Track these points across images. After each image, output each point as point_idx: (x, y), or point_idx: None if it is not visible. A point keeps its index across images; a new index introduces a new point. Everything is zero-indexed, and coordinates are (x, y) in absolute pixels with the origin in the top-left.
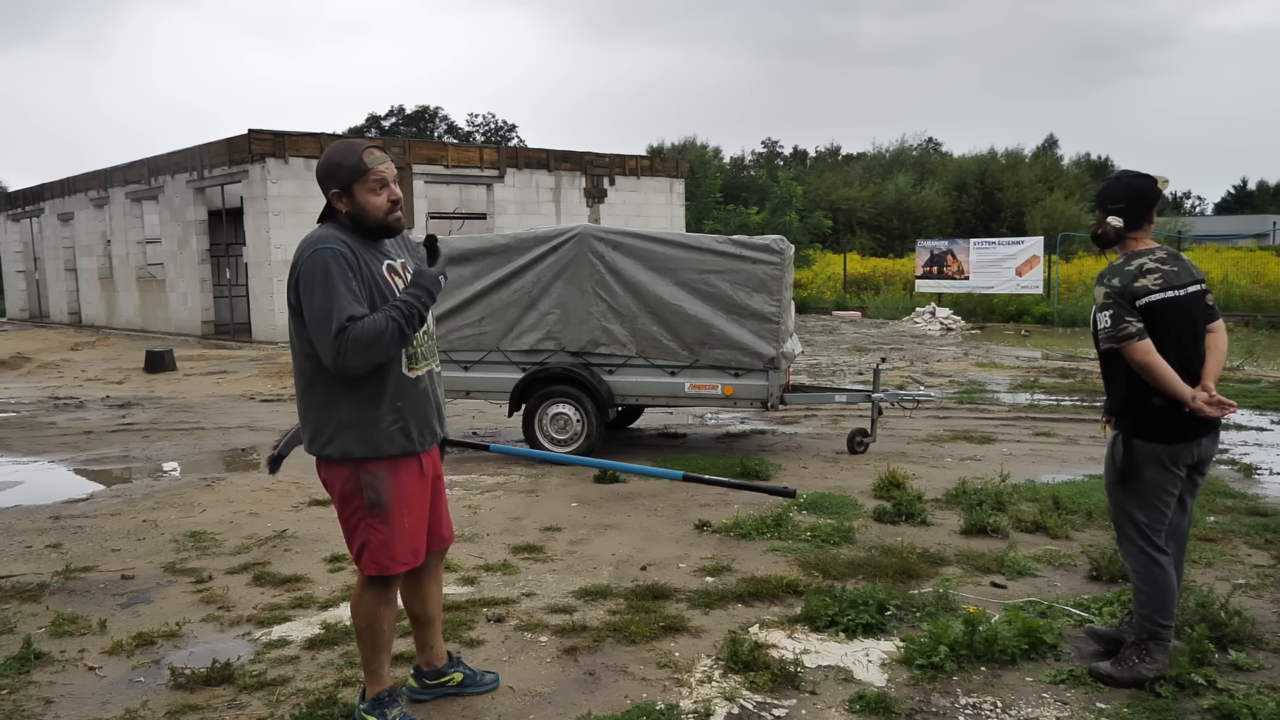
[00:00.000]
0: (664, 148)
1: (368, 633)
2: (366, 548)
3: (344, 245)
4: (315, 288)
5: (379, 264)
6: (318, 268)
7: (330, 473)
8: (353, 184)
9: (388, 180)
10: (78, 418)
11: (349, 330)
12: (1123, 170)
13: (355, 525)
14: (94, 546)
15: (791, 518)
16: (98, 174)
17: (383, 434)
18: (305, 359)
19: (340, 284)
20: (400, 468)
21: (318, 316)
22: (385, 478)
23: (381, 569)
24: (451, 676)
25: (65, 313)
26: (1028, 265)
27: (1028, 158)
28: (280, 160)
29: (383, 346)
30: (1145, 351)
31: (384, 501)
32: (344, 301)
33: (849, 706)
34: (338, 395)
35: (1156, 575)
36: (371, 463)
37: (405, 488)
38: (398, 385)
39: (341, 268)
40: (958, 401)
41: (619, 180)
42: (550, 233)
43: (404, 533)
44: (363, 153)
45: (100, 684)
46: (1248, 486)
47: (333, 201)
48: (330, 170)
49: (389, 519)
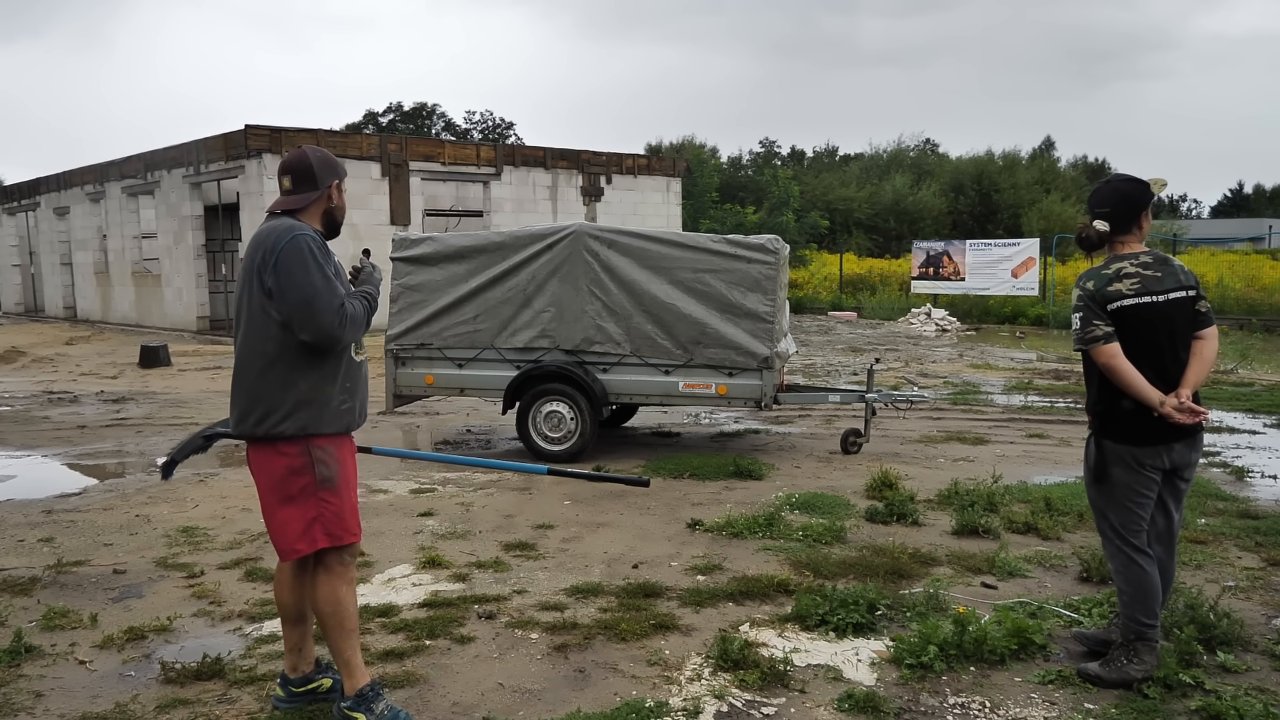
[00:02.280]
0: (661, 147)
1: (335, 618)
2: (319, 521)
3: (317, 235)
4: (306, 268)
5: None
6: (304, 250)
7: (273, 453)
8: (342, 180)
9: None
10: (72, 412)
11: (345, 307)
12: (1115, 174)
13: (304, 501)
14: (86, 541)
15: (784, 517)
16: (94, 168)
17: (334, 411)
18: (268, 340)
19: (326, 266)
20: (343, 445)
21: (312, 293)
22: (333, 452)
23: (335, 539)
24: (320, 683)
25: (60, 307)
26: (1024, 267)
27: (1025, 160)
28: (276, 156)
29: (362, 327)
30: (1111, 355)
31: (334, 475)
32: (333, 281)
33: (838, 705)
34: (297, 373)
35: (1137, 575)
36: (321, 439)
37: (347, 462)
38: (348, 367)
39: (323, 253)
40: (951, 402)
41: (616, 179)
42: (546, 230)
43: (351, 505)
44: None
45: (91, 678)
46: (1239, 489)
47: (333, 190)
48: (334, 164)
49: (338, 491)
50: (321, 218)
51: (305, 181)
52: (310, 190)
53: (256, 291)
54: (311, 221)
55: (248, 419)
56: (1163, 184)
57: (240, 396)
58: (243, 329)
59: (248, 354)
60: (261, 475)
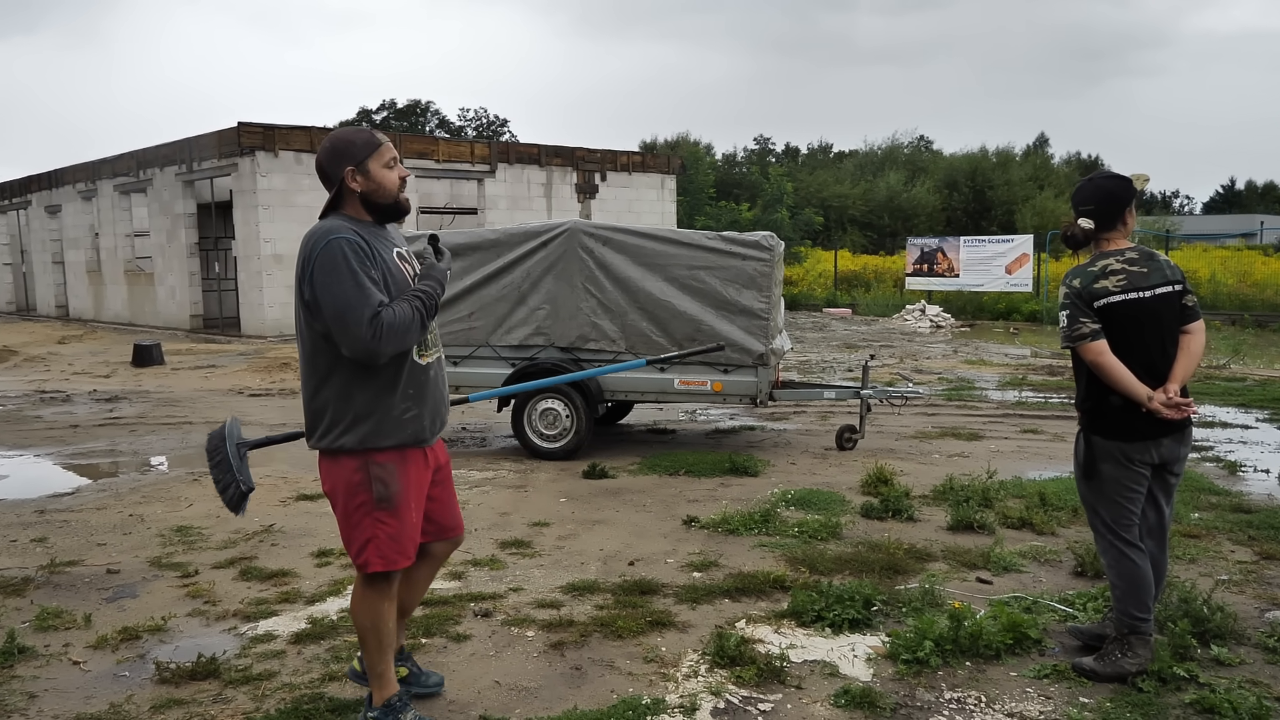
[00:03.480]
0: (656, 144)
1: (373, 634)
2: (373, 542)
3: (355, 234)
4: (337, 276)
5: (389, 251)
6: (336, 257)
7: (337, 466)
8: (367, 159)
9: (397, 157)
10: (64, 411)
11: (381, 316)
12: (1098, 171)
13: (360, 520)
14: (79, 541)
15: (779, 513)
16: (86, 166)
17: (395, 421)
18: (318, 353)
19: (360, 270)
20: (408, 459)
21: (343, 304)
22: (394, 470)
23: (389, 563)
24: (398, 670)
25: (52, 306)
26: (1017, 263)
27: (1018, 156)
28: (270, 154)
29: (411, 335)
30: (1098, 352)
31: (393, 495)
32: (369, 286)
33: (834, 701)
34: (354, 385)
35: (1129, 569)
36: (381, 454)
37: (412, 480)
38: (410, 373)
39: (359, 256)
40: (946, 398)
41: (611, 176)
42: (540, 228)
43: (410, 526)
44: (372, 131)
45: (85, 678)
46: (1232, 484)
47: (347, 180)
48: (344, 148)
49: (398, 512)
50: (361, 207)
51: (324, 179)
52: (329, 185)
53: (299, 303)
54: (355, 213)
55: (313, 434)
56: (1145, 180)
57: (305, 410)
58: (299, 341)
59: (303, 368)
60: (327, 486)
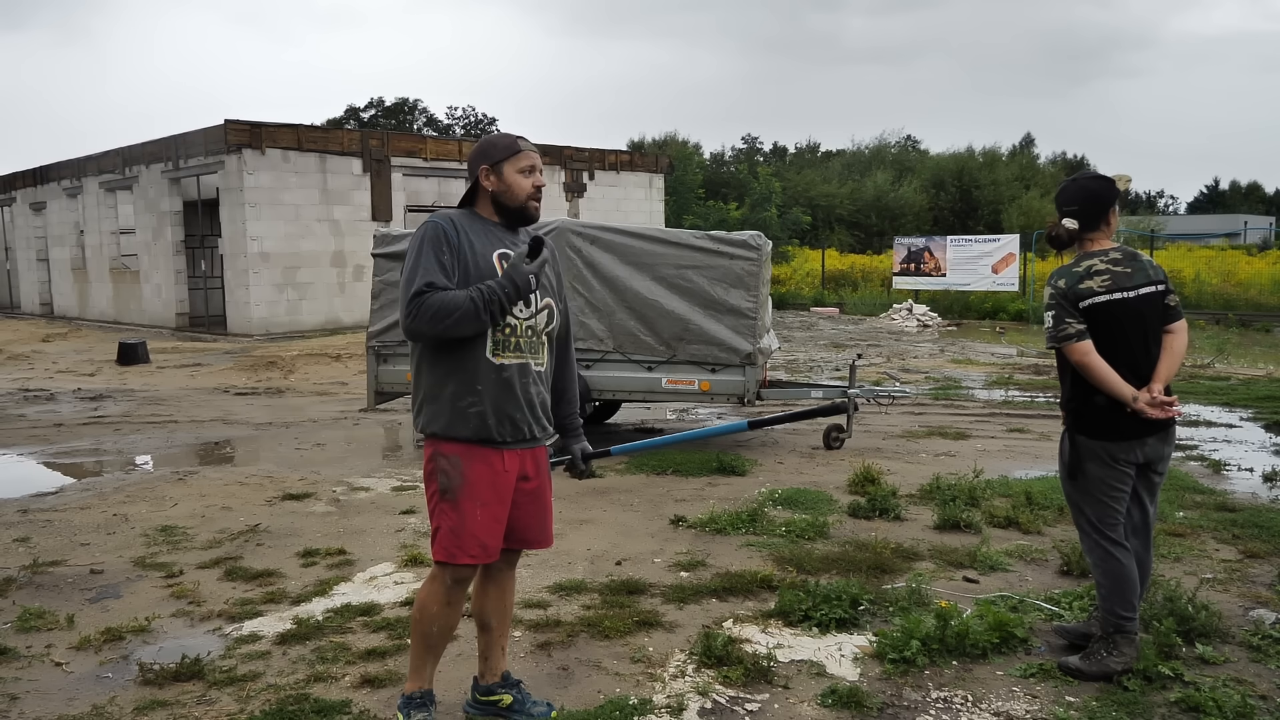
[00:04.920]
0: (645, 143)
1: (420, 625)
2: (439, 532)
3: (451, 223)
4: (411, 254)
5: (491, 249)
6: (419, 237)
7: (425, 450)
8: (503, 161)
9: (536, 166)
10: (48, 410)
11: (425, 296)
12: (1081, 172)
13: (433, 508)
14: (63, 540)
15: (767, 513)
16: (71, 163)
17: (458, 413)
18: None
19: (431, 252)
20: (475, 456)
21: (405, 279)
22: (459, 462)
23: (449, 555)
24: (501, 698)
25: (37, 304)
26: (1004, 263)
27: (1005, 156)
28: (257, 151)
29: (454, 322)
30: (1084, 352)
31: (454, 487)
32: (430, 268)
33: (821, 700)
34: (427, 369)
35: (1114, 568)
36: (448, 444)
37: (478, 477)
38: (479, 368)
39: (438, 240)
40: (933, 398)
41: (599, 175)
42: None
43: (474, 523)
44: (517, 138)
45: (67, 680)
46: (1216, 482)
47: (481, 177)
48: (487, 148)
49: (460, 506)
50: (491, 205)
51: (472, 166)
52: (469, 180)
53: None
54: (485, 212)
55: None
56: (1127, 180)
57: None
58: None
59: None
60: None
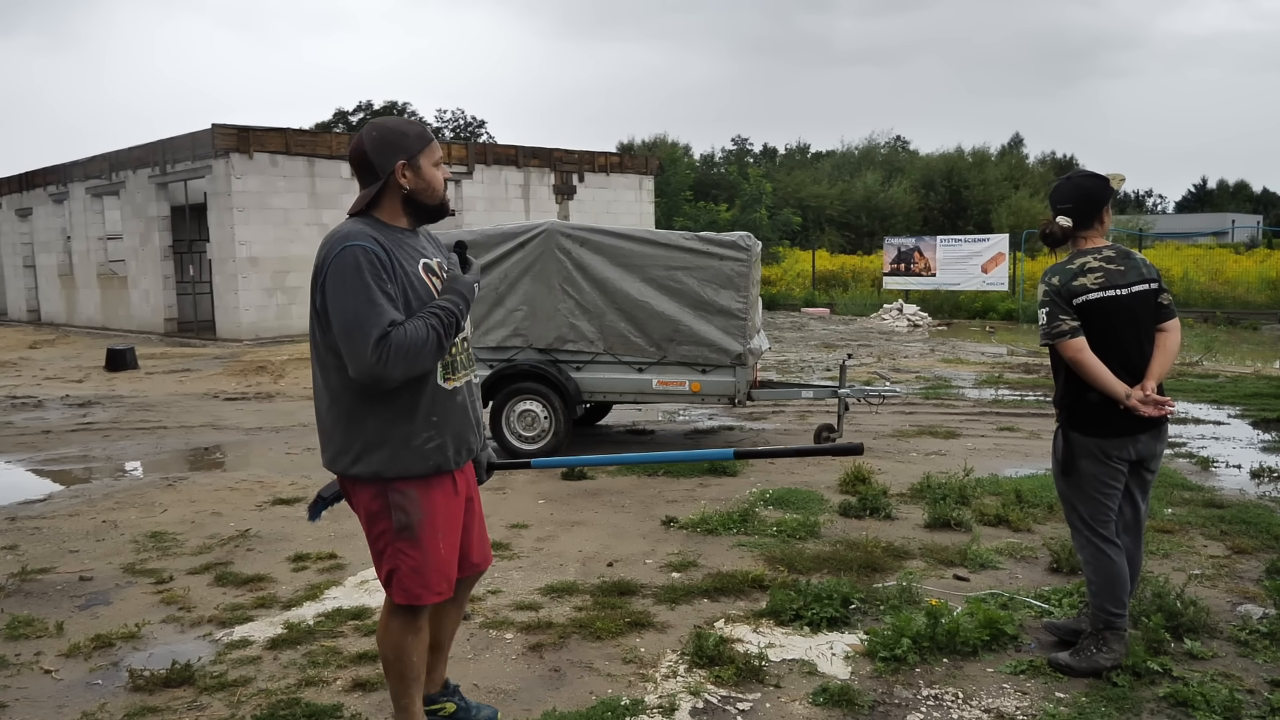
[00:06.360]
0: (634, 145)
1: (396, 665)
2: (396, 575)
3: (375, 243)
4: (346, 289)
5: (414, 263)
6: (348, 266)
7: (356, 491)
8: (419, 154)
9: (443, 156)
10: (36, 417)
11: (391, 337)
12: (1075, 170)
13: (383, 550)
14: (51, 548)
15: (758, 513)
16: (57, 169)
17: (416, 452)
18: (328, 368)
19: (374, 285)
20: (432, 486)
21: (351, 320)
22: (416, 497)
23: (412, 598)
24: (444, 705)
25: (24, 310)
26: (993, 262)
27: (994, 156)
28: (245, 155)
29: (425, 356)
30: (1077, 349)
31: (414, 524)
32: (382, 304)
33: (813, 699)
34: (365, 408)
35: (1105, 565)
36: (402, 481)
37: (438, 508)
38: (434, 398)
39: (374, 267)
40: (923, 397)
41: (588, 177)
42: (518, 229)
43: (437, 558)
44: (422, 124)
45: (57, 687)
46: (1204, 479)
47: (397, 174)
48: (397, 140)
49: (420, 542)
50: (402, 207)
51: (365, 172)
52: (372, 180)
53: (312, 310)
54: (390, 216)
55: (325, 453)
56: (1121, 179)
57: (319, 429)
58: (312, 350)
59: (315, 383)
60: (354, 510)
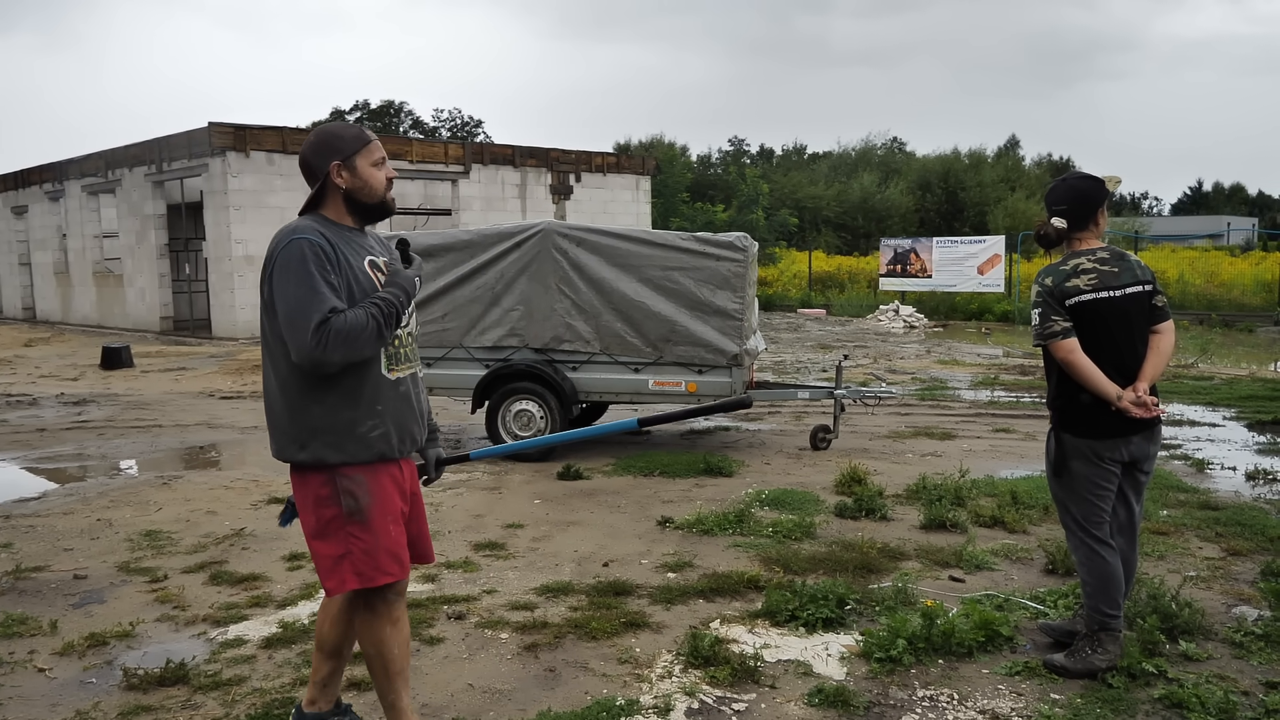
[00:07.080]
0: (631, 145)
1: (378, 661)
2: (348, 558)
3: (321, 236)
4: (290, 278)
5: (360, 259)
6: (294, 258)
7: (302, 480)
8: (355, 155)
9: (385, 157)
10: (31, 415)
11: (331, 323)
12: (1071, 172)
13: (331, 535)
14: (46, 546)
15: (754, 513)
16: (53, 166)
17: (359, 439)
18: (275, 357)
19: (317, 274)
20: (379, 472)
21: (293, 306)
22: (364, 481)
23: (365, 579)
24: None
25: (19, 308)
26: (989, 264)
27: (990, 158)
28: (241, 154)
29: (363, 342)
30: (1069, 350)
31: (364, 507)
32: (324, 292)
33: (808, 700)
34: (309, 395)
35: (1100, 566)
36: (348, 467)
37: (386, 492)
38: (377, 387)
39: (319, 258)
40: (919, 398)
41: (585, 177)
42: (514, 229)
43: (388, 540)
44: (361, 128)
45: (50, 685)
46: (1199, 481)
47: (332, 175)
48: (332, 142)
49: (371, 525)
50: (344, 206)
51: (308, 174)
52: (312, 181)
53: (261, 303)
54: (337, 215)
55: (274, 443)
56: (1117, 181)
57: (268, 420)
58: (262, 342)
59: (265, 372)
60: (298, 500)
